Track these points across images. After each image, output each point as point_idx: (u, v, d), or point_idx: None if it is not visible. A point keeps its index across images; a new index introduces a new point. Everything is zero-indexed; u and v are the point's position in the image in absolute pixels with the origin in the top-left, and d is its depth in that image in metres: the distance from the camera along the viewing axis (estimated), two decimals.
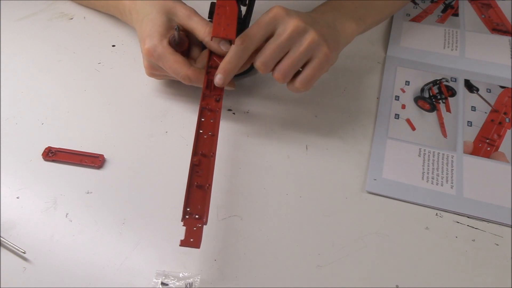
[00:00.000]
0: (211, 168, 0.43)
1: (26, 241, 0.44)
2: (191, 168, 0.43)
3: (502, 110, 0.56)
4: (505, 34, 0.65)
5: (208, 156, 0.44)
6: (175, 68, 0.49)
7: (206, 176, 0.43)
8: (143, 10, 0.52)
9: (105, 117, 0.55)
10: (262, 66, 0.47)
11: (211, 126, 0.46)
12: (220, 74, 0.48)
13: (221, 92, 0.49)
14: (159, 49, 0.48)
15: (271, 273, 0.43)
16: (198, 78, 0.49)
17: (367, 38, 0.65)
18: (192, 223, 0.40)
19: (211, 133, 0.45)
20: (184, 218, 0.40)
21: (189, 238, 0.39)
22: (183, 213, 0.40)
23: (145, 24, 0.50)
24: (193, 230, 0.39)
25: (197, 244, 0.39)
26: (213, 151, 0.44)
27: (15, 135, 0.53)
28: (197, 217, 0.40)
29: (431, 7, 0.70)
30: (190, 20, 0.50)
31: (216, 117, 0.47)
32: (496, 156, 0.51)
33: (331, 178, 0.50)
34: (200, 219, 0.40)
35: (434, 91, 0.58)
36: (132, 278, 0.42)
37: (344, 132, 0.54)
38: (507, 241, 0.45)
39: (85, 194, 0.48)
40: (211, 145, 0.45)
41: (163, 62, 0.49)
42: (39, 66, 0.60)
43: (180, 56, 0.49)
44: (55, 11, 0.68)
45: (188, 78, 0.49)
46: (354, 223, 0.46)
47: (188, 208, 0.40)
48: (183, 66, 0.49)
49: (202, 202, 0.41)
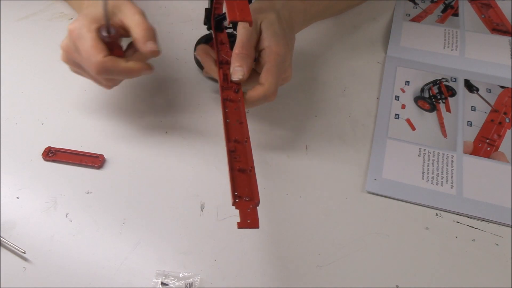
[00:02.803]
0: (249, 152, 0.43)
1: (26, 241, 0.44)
2: (228, 154, 0.42)
3: (502, 110, 0.56)
4: (505, 34, 0.65)
5: (242, 142, 0.43)
6: (90, 52, 0.45)
7: (245, 161, 0.42)
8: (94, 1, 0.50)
9: (105, 117, 0.55)
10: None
11: (237, 114, 0.46)
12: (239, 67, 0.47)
13: (239, 84, 0.48)
14: (83, 30, 0.45)
15: (271, 273, 0.43)
16: (115, 66, 0.46)
17: (367, 38, 0.65)
18: (244, 205, 0.39)
19: (239, 121, 0.45)
20: (234, 202, 0.39)
21: (246, 220, 0.38)
22: (233, 197, 0.39)
23: (87, 8, 0.49)
24: (248, 212, 0.38)
25: (255, 223, 0.38)
26: (246, 137, 0.44)
27: (15, 135, 0.53)
28: (247, 199, 0.39)
29: (431, 7, 0.70)
30: (130, 18, 0.47)
31: (240, 106, 0.46)
32: (496, 156, 0.51)
33: (331, 178, 0.50)
34: (251, 201, 0.39)
35: (434, 91, 0.58)
36: (132, 278, 0.42)
37: (344, 132, 0.54)
38: (507, 241, 0.45)
39: (85, 194, 0.48)
40: (242, 131, 0.44)
41: (82, 43, 0.45)
42: (39, 66, 0.60)
43: (102, 44, 0.45)
44: (55, 11, 0.68)
45: (101, 67, 0.45)
46: (354, 223, 0.46)
47: (236, 192, 0.39)
48: (100, 52, 0.45)
49: (249, 185, 0.40)
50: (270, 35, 0.48)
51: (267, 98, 0.47)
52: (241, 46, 0.47)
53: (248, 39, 0.47)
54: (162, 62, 0.61)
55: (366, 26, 0.67)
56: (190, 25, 0.67)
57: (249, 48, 0.47)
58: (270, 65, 0.47)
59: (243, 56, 0.47)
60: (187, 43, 0.64)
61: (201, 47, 0.53)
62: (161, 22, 0.67)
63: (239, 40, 0.47)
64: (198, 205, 0.47)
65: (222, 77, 0.48)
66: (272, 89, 0.47)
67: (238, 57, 0.47)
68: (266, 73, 0.47)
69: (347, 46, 0.64)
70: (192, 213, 0.47)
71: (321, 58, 0.62)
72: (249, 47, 0.47)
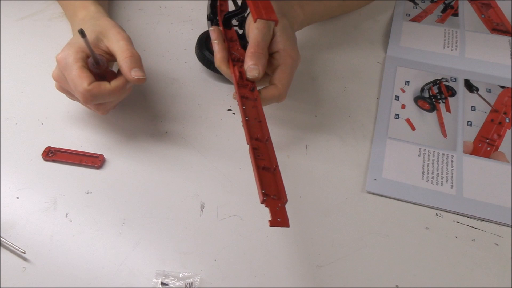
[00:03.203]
0: (271, 151, 0.42)
1: (26, 241, 0.44)
2: (252, 152, 0.41)
3: (502, 110, 0.56)
4: (505, 34, 0.65)
5: (263, 141, 0.43)
6: (75, 82, 0.46)
7: (269, 159, 0.42)
8: (82, 26, 0.51)
9: (105, 117, 0.55)
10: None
11: (255, 112, 0.45)
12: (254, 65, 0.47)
13: (253, 82, 0.48)
14: (70, 59, 0.46)
15: (271, 273, 0.43)
16: (100, 90, 0.46)
17: (367, 38, 0.65)
18: (273, 203, 0.38)
19: (258, 119, 0.45)
20: (263, 200, 0.38)
21: (276, 218, 0.37)
22: (261, 195, 0.38)
23: (74, 37, 0.50)
24: (277, 210, 0.38)
25: (286, 223, 0.37)
26: (267, 136, 0.43)
27: (15, 135, 0.53)
28: (275, 197, 0.39)
29: (431, 7, 0.70)
30: (116, 44, 0.48)
31: (257, 105, 0.46)
32: (496, 156, 0.51)
33: (331, 178, 0.50)
34: (279, 199, 0.39)
35: (434, 91, 0.58)
36: (132, 278, 0.42)
37: (344, 132, 0.54)
38: (507, 241, 0.45)
39: (85, 194, 0.48)
40: (262, 130, 0.44)
41: (68, 73, 0.46)
42: (39, 66, 0.60)
43: (87, 72, 0.46)
44: (55, 11, 0.68)
45: (87, 95, 0.46)
46: (354, 223, 0.46)
47: (263, 190, 0.39)
48: (84, 81, 0.46)
49: (275, 183, 0.40)
50: (285, 38, 0.49)
51: (280, 98, 0.48)
52: (256, 45, 0.47)
53: (262, 39, 0.48)
54: (162, 62, 0.61)
55: (366, 26, 0.67)
56: (190, 25, 0.67)
57: (264, 48, 0.48)
58: (285, 67, 0.48)
59: (258, 55, 0.47)
60: (187, 43, 0.64)
61: (217, 30, 0.51)
62: (161, 22, 0.67)
63: (254, 39, 0.48)
64: (198, 205, 0.47)
65: (238, 75, 0.48)
66: (285, 90, 0.48)
67: (253, 55, 0.47)
68: (281, 74, 0.48)
69: (347, 46, 0.64)
70: (192, 213, 0.47)
71: (321, 58, 0.62)
72: (264, 46, 0.48)
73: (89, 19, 0.53)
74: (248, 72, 0.47)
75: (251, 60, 0.47)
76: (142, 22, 0.67)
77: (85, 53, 0.48)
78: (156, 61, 0.61)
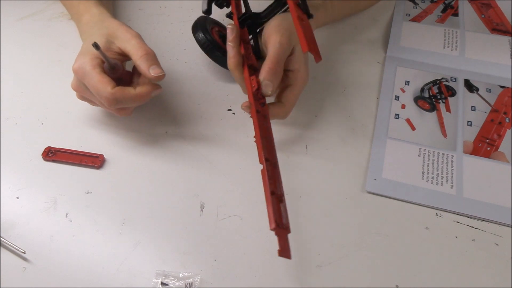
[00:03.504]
0: (279, 176, 0.41)
1: (26, 241, 0.44)
2: (265, 175, 0.40)
3: (502, 110, 0.56)
4: (505, 34, 0.65)
5: (272, 163, 0.41)
6: (98, 88, 0.46)
7: (277, 184, 0.40)
8: (90, 31, 0.52)
9: (105, 117, 0.55)
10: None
11: (265, 130, 0.44)
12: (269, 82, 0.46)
13: (265, 98, 0.47)
14: (87, 67, 0.46)
15: (271, 273, 0.43)
16: (124, 95, 0.47)
17: (367, 38, 0.65)
18: (282, 233, 0.37)
19: (268, 138, 0.43)
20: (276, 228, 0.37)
21: (284, 248, 0.37)
22: (273, 222, 0.37)
23: (85, 44, 0.50)
24: (284, 241, 0.37)
25: (289, 254, 0.37)
26: (276, 158, 0.42)
27: (15, 135, 0.53)
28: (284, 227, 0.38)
29: (431, 7, 0.70)
30: (128, 43, 0.48)
31: (268, 122, 0.45)
32: (496, 156, 0.51)
33: (331, 178, 0.50)
34: (287, 230, 0.38)
35: (434, 91, 0.58)
36: (132, 278, 0.42)
37: (344, 132, 0.54)
38: (507, 241, 0.45)
39: (85, 194, 0.48)
40: (272, 151, 0.42)
41: (88, 80, 0.46)
42: (39, 66, 0.60)
43: (107, 77, 0.46)
44: (55, 11, 0.68)
45: (111, 99, 0.46)
46: (354, 223, 0.46)
47: (276, 217, 0.37)
48: (107, 85, 0.46)
49: (285, 212, 0.39)
50: (302, 60, 0.49)
51: (283, 117, 0.49)
52: (276, 61, 0.46)
53: (281, 57, 0.47)
54: (162, 62, 0.61)
55: (366, 26, 0.67)
56: (190, 25, 0.66)
57: (282, 65, 0.47)
58: (295, 88, 0.49)
59: (276, 72, 0.46)
60: (187, 43, 0.64)
61: (236, 31, 0.48)
62: (161, 22, 0.67)
63: (275, 55, 0.47)
64: (198, 205, 0.47)
65: (256, 86, 0.46)
66: (290, 110, 0.49)
67: (271, 72, 0.46)
68: (290, 94, 0.48)
69: (347, 46, 0.64)
70: (192, 213, 0.47)
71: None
72: (282, 64, 0.47)
73: (94, 22, 0.53)
74: (262, 87, 0.46)
75: (268, 76, 0.46)
76: (142, 22, 0.67)
77: (100, 58, 0.48)
78: None
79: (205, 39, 0.54)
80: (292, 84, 0.49)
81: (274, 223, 0.37)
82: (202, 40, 0.54)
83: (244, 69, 0.48)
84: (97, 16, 0.54)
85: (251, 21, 0.52)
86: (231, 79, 0.59)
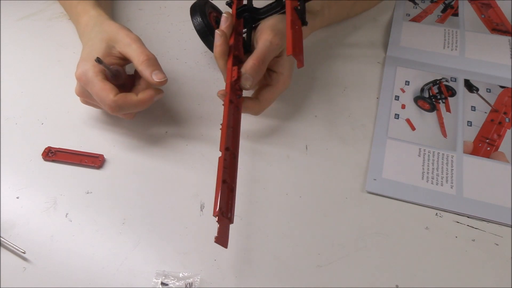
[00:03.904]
0: (236, 167, 0.41)
1: (26, 241, 0.44)
2: (221, 162, 0.40)
3: (502, 110, 0.56)
4: (505, 34, 0.65)
5: (232, 153, 0.41)
6: (101, 95, 0.46)
7: (232, 175, 0.40)
8: (89, 35, 0.52)
9: (105, 117, 0.55)
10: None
11: (234, 120, 0.44)
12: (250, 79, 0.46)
13: (241, 91, 0.47)
14: (90, 73, 0.47)
15: (271, 273, 0.43)
16: (127, 102, 0.47)
17: (367, 38, 0.65)
18: (224, 223, 0.37)
19: (234, 128, 0.43)
20: (218, 215, 0.37)
21: (222, 236, 0.37)
22: (217, 210, 0.37)
23: (85, 49, 0.50)
24: (224, 229, 0.37)
25: (226, 243, 0.37)
26: (237, 149, 0.42)
27: (15, 135, 0.53)
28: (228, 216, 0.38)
29: (431, 7, 0.70)
30: (128, 48, 0.49)
31: (238, 114, 0.45)
32: (496, 156, 0.51)
33: (331, 178, 0.50)
34: (230, 220, 0.38)
35: (434, 91, 0.58)
36: (132, 278, 0.42)
37: (344, 132, 0.54)
38: (507, 241, 0.45)
39: (85, 194, 0.48)
40: (235, 141, 0.43)
41: (91, 87, 0.47)
42: (39, 66, 0.60)
43: (109, 84, 0.47)
44: (55, 11, 0.68)
45: (114, 106, 0.46)
46: (354, 223, 0.46)
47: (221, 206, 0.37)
48: (109, 93, 0.46)
49: (231, 203, 0.39)
50: (287, 65, 0.49)
51: (256, 114, 0.50)
52: (261, 58, 0.46)
53: (267, 55, 0.47)
54: (162, 62, 0.61)
55: (366, 26, 0.67)
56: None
57: (266, 64, 0.47)
58: (275, 90, 0.49)
59: (258, 69, 0.46)
60: (187, 43, 0.64)
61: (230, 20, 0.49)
62: (161, 22, 0.67)
63: (260, 52, 0.47)
64: (198, 205, 0.47)
65: (235, 77, 0.46)
66: (264, 109, 0.50)
67: (254, 68, 0.46)
68: (268, 93, 0.49)
69: (347, 46, 0.64)
70: (192, 213, 0.47)
71: (321, 58, 0.62)
72: (266, 62, 0.47)
73: (93, 25, 0.53)
74: (242, 79, 0.46)
75: (250, 71, 0.46)
76: (142, 22, 0.67)
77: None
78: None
79: (202, 24, 0.53)
80: (272, 85, 0.49)
81: (218, 211, 0.37)
82: (199, 24, 0.53)
83: (229, 58, 0.48)
84: (95, 18, 0.54)
85: (248, 14, 0.52)
86: None
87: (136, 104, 0.48)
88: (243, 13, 0.52)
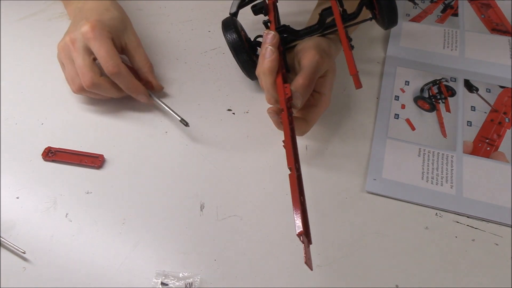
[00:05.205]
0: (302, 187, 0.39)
1: (26, 241, 0.44)
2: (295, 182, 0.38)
3: (502, 110, 0.56)
4: (505, 34, 0.65)
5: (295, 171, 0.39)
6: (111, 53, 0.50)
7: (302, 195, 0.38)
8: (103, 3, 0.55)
9: (105, 117, 0.55)
10: None
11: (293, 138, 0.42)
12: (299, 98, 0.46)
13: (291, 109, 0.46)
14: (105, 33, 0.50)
15: (271, 273, 0.43)
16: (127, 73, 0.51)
17: (367, 38, 0.65)
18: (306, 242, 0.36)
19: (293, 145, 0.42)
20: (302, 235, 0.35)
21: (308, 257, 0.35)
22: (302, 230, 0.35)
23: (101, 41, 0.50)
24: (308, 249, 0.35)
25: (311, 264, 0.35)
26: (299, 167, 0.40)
27: (15, 135, 0.53)
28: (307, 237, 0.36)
29: (430, 7, 0.70)
30: (137, 49, 0.55)
31: (294, 133, 0.43)
32: (496, 156, 0.51)
33: (331, 178, 0.50)
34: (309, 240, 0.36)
35: (434, 91, 0.58)
36: (132, 278, 0.42)
37: (344, 132, 0.54)
38: (507, 241, 0.45)
39: (85, 194, 0.48)
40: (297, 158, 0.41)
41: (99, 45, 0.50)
42: (39, 66, 0.60)
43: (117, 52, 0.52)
44: (55, 11, 0.68)
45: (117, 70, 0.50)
46: (354, 223, 0.46)
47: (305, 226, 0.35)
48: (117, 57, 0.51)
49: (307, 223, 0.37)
50: (330, 86, 0.49)
51: (302, 134, 0.49)
52: (310, 77, 0.46)
53: (316, 75, 0.46)
54: (162, 63, 0.61)
55: (366, 26, 0.67)
56: (190, 25, 0.67)
57: (313, 83, 0.46)
58: (319, 111, 0.49)
59: (307, 88, 0.45)
60: (187, 43, 0.64)
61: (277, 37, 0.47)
62: (161, 22, 0.67)
63: (308, 71, 0.46)
64: (198, 205, 0.47)
65: (289, 94, 0.44)
66: (309, 129, 0.49)
67: (303, 85, 0.45)
68: (314, 115, 0.49)
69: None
70: (192, 213, 0.47)
71: None
72: (314, 81, 0.46)
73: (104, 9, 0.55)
74: (293, 98, 0.45)
75: (301, 89, 0.45)
76: (142, 22, 0.67)
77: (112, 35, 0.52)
78: (156, 61, 0.61)
79: (238, 40, 0.53)
80: (316, 105, 0.49)
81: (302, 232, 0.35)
82: (235, 40, 0.53)
83: (278, 75, 0.46)
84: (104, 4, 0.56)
85: (287, 35, 0.51)
86: (231, 79, 0.59)
87: (132, 84, 0.52)
88: (282, 33, 0.51)
